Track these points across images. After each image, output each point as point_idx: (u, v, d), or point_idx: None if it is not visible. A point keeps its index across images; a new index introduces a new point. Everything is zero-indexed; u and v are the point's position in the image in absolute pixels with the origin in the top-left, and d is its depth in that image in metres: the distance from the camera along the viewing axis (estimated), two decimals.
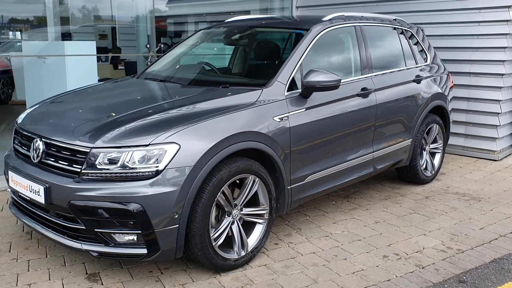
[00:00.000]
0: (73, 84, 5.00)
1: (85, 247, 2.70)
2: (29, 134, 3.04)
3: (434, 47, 5.12)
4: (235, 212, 2.98)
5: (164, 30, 9.41)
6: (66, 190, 2.64)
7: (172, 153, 2.63)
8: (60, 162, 2.78)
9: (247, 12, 8.68)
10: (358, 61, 3.98)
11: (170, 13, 9.88)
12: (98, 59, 6.61)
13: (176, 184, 2.61)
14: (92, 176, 2.63)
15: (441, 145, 4.93)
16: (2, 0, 6.86)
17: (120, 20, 8.68)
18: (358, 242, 3.44)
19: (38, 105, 3.53)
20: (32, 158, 2.92)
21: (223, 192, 2.85)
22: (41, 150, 2.87)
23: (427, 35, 5.10)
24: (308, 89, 3.30)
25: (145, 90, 3.73)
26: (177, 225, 2.65)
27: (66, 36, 7.41)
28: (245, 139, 2.93)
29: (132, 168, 2.60)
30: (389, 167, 4.34)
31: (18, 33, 7.85)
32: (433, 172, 4.86)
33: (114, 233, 2.64)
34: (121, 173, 2.60)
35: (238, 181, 2.98)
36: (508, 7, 5.35)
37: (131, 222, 2.59)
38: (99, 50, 7.25)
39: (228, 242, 2.97)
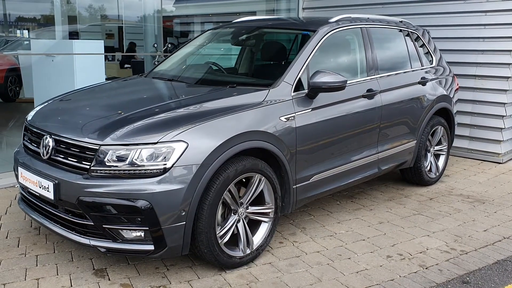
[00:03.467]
0: (81, 83, 5.05)
1: (93, 242, 2.74)
2: (39, 131, 3.08)
3: (440, 50, 5.13)
4: (241, 210, 3.01)
5: (171, 30, 9.46)
6: (75, 187, 2.69)
7: (180, 151, 2.66)
8: (69, 158, 2.82)
9: (253, 13, 8.72)
10: (364, 62, 4.00)
11: (177, 13, 9.93)
12: (105, 58, 6.66)
13: (183, 181, 2.65)
14: (101, 173, 2.67)
15: (445, 147, 4.94)
16: None
17: (128, 19, 8.73)
18: (362, 242, 3.46)
19: (47, 103, 3.58)
20: (41, 154, 2.97)
21: (229, 191, 2.88)
22: (50, 147, 2.91)
23: (433, 38, 5.12)
24: (314, 90, 3.33)
25: (153, 89, 3.77)
26: (184, 222, 2.69)
27: (73, 35, 7.46)
28: (251, 138, 2.96)
29: (140, 166, 2.63)
30: (393, 168, 4.36)
31: (25, 32, 7.92)
32: (437, 174, 4.88)
33: (121, 229, 2.68)
34: (129, 170, 2.64)
35: (244, 180, 3.01)
36: None
37: (139, 219, 2.63)
38: (107, 49, 7.30)
39: (234, 240, 3.00)
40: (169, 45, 7.23)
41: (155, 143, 2.66)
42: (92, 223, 2.71)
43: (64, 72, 5.62)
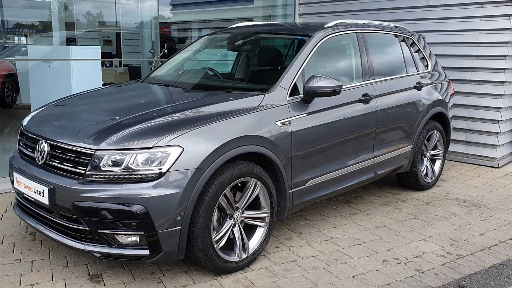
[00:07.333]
0: (78, 88, 5.05)
1: (88, 248, 2.73)
2: (34, 136, 3.08)
3: (435, 55, 5.16)
4: (236, 215, 3.01)
5: (168, 36, 9.48)
6: (70, 191, 2.68)
7: (175, 155, 2.66)
8: (64, 163, 2.82)
9: (250, 20, 8.75)
10: (360, 67, 4.02)
11: (174, 20, 9.97)
12: (103, 64, 6.67)
13: (179, 186, 2.65)
14: (96, 177, 2.67)
15: (441, 151, 4.96)
16: (7, 5, 6.95)
17: (125, 26, 8.75)
18: (358, 247, 3.46)
19: (43, 108, 3.58)
20: (37, 159, 2.96)
21: (225, 195, 2.88)
22: (46, 152, 2.91)
23: (428, 43, 5.15)
24: (310, 95, 3.35)
25: (149, 94, 3.78)
26: (180, 227, 2.68)
27: (71, 41, 7.48)
28: (247, 143, 2.97)
29: (136, 170, 2.63)
30: (389, 172, 4.37)
31: (23, 38, 7.92)
32: (434, 178, 4.89)
33: (117, 234, 2.67)
34: (124, 175, 2.64)
35: (240, 184, 3.02)
36: (509, 15, 5.40)
37: (134, 224, 2.63)
38: (104, 55, 7.30)
39: (230, 245, 3.00)
40: (167, 51, 7.26)
41: (151, 148, 2.66)
42: (87, 228, 2.70)
43: (61, 77, 5.63)
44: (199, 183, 2.71)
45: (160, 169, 2.64)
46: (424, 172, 4.77)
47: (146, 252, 2.68)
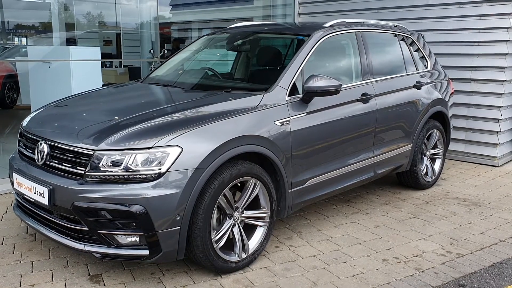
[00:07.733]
0: (77, 89, 5.06)
1: (88, 248, 2.73)
2: (34, 137, 3.08)
3: (435, 54, 5.16)
4: (236, 214, 3.01)
5: (168, 37, 9.50)
6: (70, 192, 2.69)
7: (175, 155, 2.67)
8: (64, 164, 2.82)
9: (250, 20, 8.76)
10: (359, 66, 4.02)
11: (174, 20, 9.99)
12: (102, 64, 6.68)
13: (178, 186, 2.65)
14: (96, 178, 2.67)
15: (441, 150, 4.95)
16: (8, 6, 6.96)
17: (125, 26, 8.77)
18: (358, 246, 3.46)
19: (43, 109, 3.58)
20: (36, 160, 2.97)
21: (224, 195, 2.89)
22: (45, 153, 2.91)
23: (428, 42, 5.15)
24: (309, 94, 3.35)
25: (148, 94, 3.78)
26: (179, 227, 2.68)
27: (71, 42, 7.49)
28: (246, 142, 2.97)
29: (135, 171, 2.64)
30: (389, 172, 4.37)
31: (23, 39, 7.93)
32: (434, 178, 4.89)
33: (116, 234, 2.68)
34: (124, 175, 2.64)
35: (239, 184, 3.02)
36: (509, 14, 5.40)
37: (134, 224, 2.63)
38: (104, 56, 7.32)
39: (229, 245, 3.00)
40: (166, 51, 7.27)
41: (150, 148, 2.66)
42: (87, 229, 2.70)
43: (61, 78, 5.63)
44: (199, 183, 2.71)
45: (160, 169, 2.64)
46: (424, 171, 4.77)
47: (146, 252, 2.68)
